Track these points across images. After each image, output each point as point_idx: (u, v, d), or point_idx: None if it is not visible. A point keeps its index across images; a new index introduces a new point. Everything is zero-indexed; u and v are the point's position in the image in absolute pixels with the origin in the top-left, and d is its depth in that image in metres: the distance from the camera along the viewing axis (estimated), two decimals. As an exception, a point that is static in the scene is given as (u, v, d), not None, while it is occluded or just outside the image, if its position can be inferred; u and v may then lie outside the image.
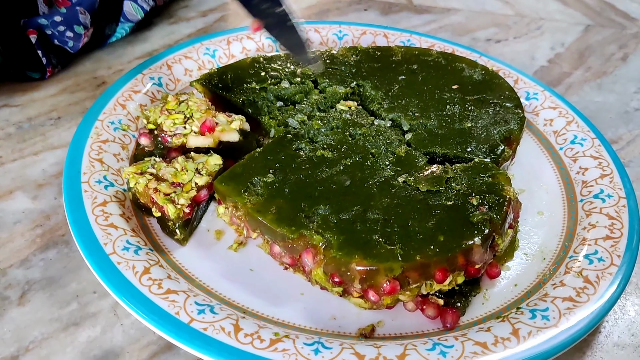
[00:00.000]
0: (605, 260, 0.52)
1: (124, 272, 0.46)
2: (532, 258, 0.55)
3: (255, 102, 0.64)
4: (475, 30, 0.94)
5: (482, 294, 0.52)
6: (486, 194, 0.52)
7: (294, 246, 0.49)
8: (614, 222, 0.55)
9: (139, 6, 0.79)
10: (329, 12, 0.96)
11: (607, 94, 0.82)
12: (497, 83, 0.69)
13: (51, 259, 0.53)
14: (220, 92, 0.63)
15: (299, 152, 0.57)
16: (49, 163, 0.62)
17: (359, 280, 0.46)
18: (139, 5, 0.79)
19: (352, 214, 0.50)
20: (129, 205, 0.55)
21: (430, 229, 0.49)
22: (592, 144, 0.65)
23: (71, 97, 0.71)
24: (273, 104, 0.64)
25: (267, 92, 0.64)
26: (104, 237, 0.49)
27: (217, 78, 0.65)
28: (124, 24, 0.80)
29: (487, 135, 0.61)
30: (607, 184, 0.60)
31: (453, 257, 0.47)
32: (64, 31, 0.72)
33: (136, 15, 0.79)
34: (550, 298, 0.49)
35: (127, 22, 0.80)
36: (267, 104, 0.64)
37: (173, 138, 0.56)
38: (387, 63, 0.71)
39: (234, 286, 0.50)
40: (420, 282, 0.47)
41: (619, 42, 0.94)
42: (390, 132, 0.61)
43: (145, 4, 0.80)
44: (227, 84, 0.64)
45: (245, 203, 0.51)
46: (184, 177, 0.53)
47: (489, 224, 0.49)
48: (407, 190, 0.53)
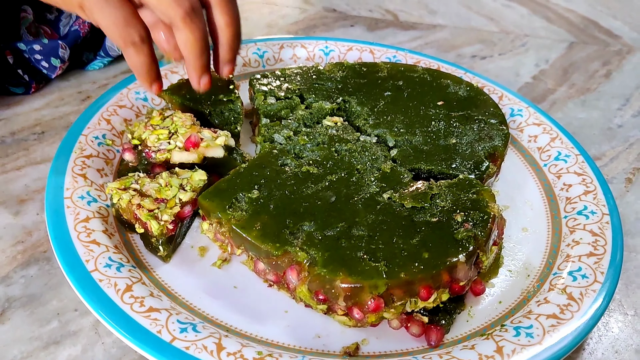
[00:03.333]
0: (589, 277, 0.52)
1: (106, 290, 0.46)
2: (517, 275, 0.55)
3: (223, 113, 0.64)
4: (460, 46, 0.95)
5: (467, 311, 0.51)
6: (471, 211, 0.52)
7: (278, 263, 0.49)
8: (597, 238, 0.56)
9: None
10: (316, 27, 0.96)
11: (591, 110, 0.83)
12: (482, 99, 0.69)
13: (32, 276, 0.52)
14: (186, 103, 0.63)
15: (284, 167, 0.57)
16: (32, 178, 0.61)
17: (344, 298, 0.46)
18: None
19: (337, 230, 0.50)
20: (112, 221, 0.54)
21: (415, 245, 0.48)
22: (576, 160, 0.65)
23: (55, 112, 0.71)
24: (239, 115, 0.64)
25: (234, 104, 0.64)
26: (86, 254, 0.48)
27: (186, 88, 0.64)
28: (102, 59, 0.79)
29: (472, 152, 0.61)
30: (590, 201, 0.60)
31: (437, 274, 0.47)
32: (40, 60, 0.72)
33: (117, 51, 0.79)
34: (534, 315, 0.49)
35: (106, 57, 0.79)
36: (234, 115, 0.64)
37: (157, 154, 0.56)
38: (373, 79, 0.72)
39: (218, 304, 0.49)
40: (405, 300, 0.47)
41: (603, 59, 0.95)
42: (375, 148, 0.61)
43: None
44: (195, 95, 0.63)
45: (229, 219, 0.51)
46: (168, 192, 0.53)
47: (473, 241, 0.49)
48: (392, 207, 0.53)
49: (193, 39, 0.53)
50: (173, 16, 0.52)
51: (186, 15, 0.52)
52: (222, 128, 0.62)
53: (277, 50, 0.80)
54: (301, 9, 1.01)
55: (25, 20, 0.76)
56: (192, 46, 0.54)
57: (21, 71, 0.71)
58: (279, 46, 0.81)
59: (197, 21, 0.53)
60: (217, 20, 0.55)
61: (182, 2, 0.51)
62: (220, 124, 0.63)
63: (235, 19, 0.55)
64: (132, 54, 0.53)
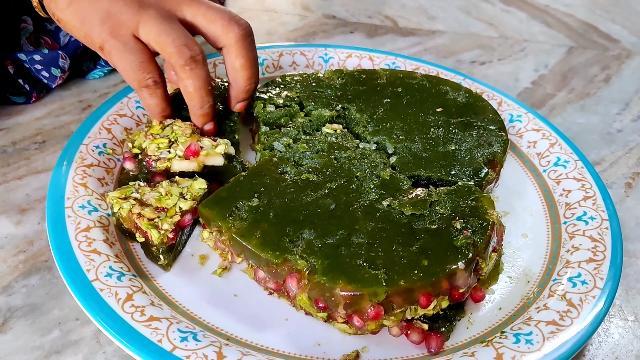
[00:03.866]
0: (588, 283, 0.52)
1: (107, 299, 0.46)
2: (517, 281, 0.55)
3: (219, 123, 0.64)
4: (459, 52, 0.95)
5: (467, 318, 0.52)
6: (470, 218, 0.52)
7: (278, 271, 0.49)
8: (597, 244, 0.56)
9: None
10: (316, 34, 0.96)
11: (590, 115, 0.83)
12: (480, 106, 0.70)
13: (34, 285, 0.52)
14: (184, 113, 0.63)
15: (284, 175, 0.57)
16: (33, 187, 0.62)
17: (344, 306, 0.46)
18: None
19: (336, 238, 0.50)
20: (113, 230, 0.54)
21: (414, 253, 0.49)
22: (575, 166, 0.66)
23: (56, 121, 0.71)
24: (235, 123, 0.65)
25: (232, 114, 0.65)
26: (87, 263, 0.48)
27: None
28: (102, 68, 0.80)
29: (471, 158, 0.61)
30: (590, 206, 0.60)
31: (437, 282, 0.47)
32: (40, 70, 0.72)
33: None
34: (534, 322, 0.49)
35: (106, 67, 0.80)
36: (230, 125, 0.64)
37: (157, 162, 0.56)
38: (372, 86, 0.72)
39: (218, 312, 0.49)
40: (405, 307, 0.47)
41: (602, 64, 0.96)
42: (375, 155, 0.61)
43: None
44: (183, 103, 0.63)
45: (229, 227, 0.51)
46: (168, 201, 0.53)
47: (472, 248, 0.49)
48: (391, 214, 0.53)
49: (193, 88, 0.56)
50: (174, 64, 0.55)
51: (186, 65, 0.55)
52: (221, 136, 0.62)
53: (277, 58, 0.81)
54: (301, 15, 1.02)
55: (26, 30, 0.76)
56: (191, 95, 0.57)
57: (22, 81, 0.72)
58: (278, 54, 0.81)
59: (198, 70, 0.56)
60: (232, 62, 0.58)
61: (183, 52, 0.54)
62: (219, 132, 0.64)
63: (250, 61, 0.58)
64: (146, 96, 0.57)
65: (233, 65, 0.59)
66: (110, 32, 0.56)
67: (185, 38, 0.55)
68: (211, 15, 0.57)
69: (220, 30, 0.57)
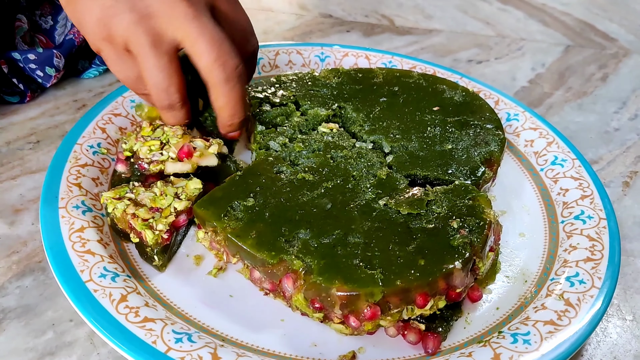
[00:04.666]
0: (586, 282, 0.51)
1: (101, 300, 0.45)
2: (514, 281, 0.55)
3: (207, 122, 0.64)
4: (457, 51, 0.95)
5: (464, 317, 0.51)
6: (467, 217, 0.51)
7: (274, 271, 0.48)
8: (594, 243, 0.56)
9: None
10: (312, 33, 0.96)
11: (588, 114, 0.82)
12: (477, 104, 0.69)
13: (27, 286, 0.52)
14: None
15: (280, 175, 0.57)
16: (27, 188, 0.61)
17: (340, 306, 0.46)
18: None
19: (332, 237, 0.50)
20: (107, 230, 0.54)
21: (411, 252, 0.48)
22: (573, 164, 0.65)
23: (51, 121, 0.70)
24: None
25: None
26: (81, 264, 0.48)
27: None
28: (98, 67, 0.79)
29: (468, 157, 0.61)
30: (587, 205, 0.60)
31: (434, 282, 0.47)
32: (34, 69, 0.72)
33: None
34: (531, 322, 0.48)
35: (101, 66, 0.79)
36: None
37: (150, 165, 0.56)
38: (368, 85, 0.72)
39: (213, 313, 0.49)
40: (402, 307, 0.47)
41: (599, 62, 0.95)
42: (371, 155, 0.61)
43: None
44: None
45: (224, 227, 0.51)
46: (163, 202, 0.52)
47: (469, 248, 0.49)
48: (388, 214, 0.53)
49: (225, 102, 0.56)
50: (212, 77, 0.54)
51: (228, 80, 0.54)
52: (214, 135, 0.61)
53: (273, 57, 0.80)
54: (297, 14, 1.01)
55: (20, 29, 0.76)
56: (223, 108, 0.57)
57: (16, 80, 0.71)
58: (275, 53, 0.81)
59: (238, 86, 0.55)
60: (214, 100, 0.56)
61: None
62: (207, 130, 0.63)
63: (232, 102, 0.56)
64: (170, 117, 0.57)
65: (215, 102, 0.56)
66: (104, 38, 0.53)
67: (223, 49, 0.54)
68: (198, 48, 0.52)
69: (204, 68, 0.53)
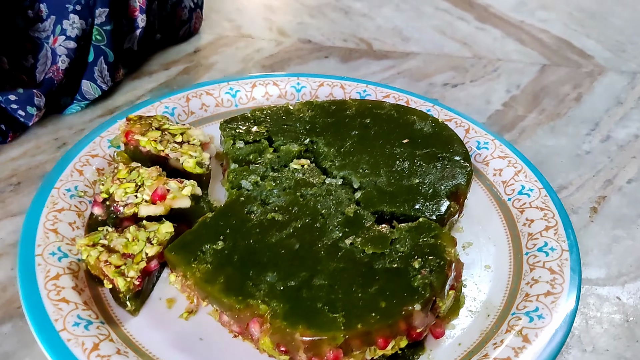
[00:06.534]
0: (545, 317, 0.53)
1: (73, 350, 0.47)
2: (477, 315, 0.57)
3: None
4: (432, 74, 0.96)
5: (427, 354, 0.53)
6: (428, 257, 0.53)
7: (241, 316, 0.50)
8: (555, 276, 0.57)
9: (97, 86, 0.81)
10: (291, 60, 0.98)
11: (560, 137, 0.84)
12: (446, 135, 0.71)
13: (6, 333, 0.54)
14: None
15: (250, 215, 0.59)
16: (7, 231, 0.63)
17: (304, 350, 0.48)
18: (97, 85, 0.81)
19: (298, 279, 0.52)
20: (83, 275, 0.56)
21: (373, 294, 0.50)
22: (539, 194, 0.67)
23: (31, 161, 0.72)
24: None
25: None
26: (55, 313, 0.50)
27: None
28: (79, 102, 0.81)
29: (434, 192, 0.63)
30: (551, 236, 0.62)
31: (394, 324, 0.48)
32: (16, 109, 0.74)
33: (93, 94, 0.81)
34: (489, 359, 0.50)
35: (82, 101, 0.81)
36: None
37: (125, 208, 0.58)
38: (341, 117, 0.73)
39: (183, 356, 0.51)
40: (364, 349, 0.49)
41: (574, 82, 0.97)
42: (340, 191, 0.62)
43: (103, 85, 0.82)
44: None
45: (194, 273, 0.52)
46: (135, 247, 0.54)
47: (429, 288, 0.50)
48: (353, 253, 0.54)
49: None
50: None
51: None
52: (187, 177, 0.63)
53: (250, 89, 0.82)
54: (277, 41, 1.03)
55: (3, 70, 0.78)
56: None
57: None
58: (252, 85, 0.82)
59: None
60: None
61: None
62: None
63: None
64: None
65: None
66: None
67: None
68: None
69: None
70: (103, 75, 0.82)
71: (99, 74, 0.81)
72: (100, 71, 0.82)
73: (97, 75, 0.81)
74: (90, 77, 0.81)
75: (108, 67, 0.82)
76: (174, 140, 0.66)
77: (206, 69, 0.94)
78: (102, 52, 0.82)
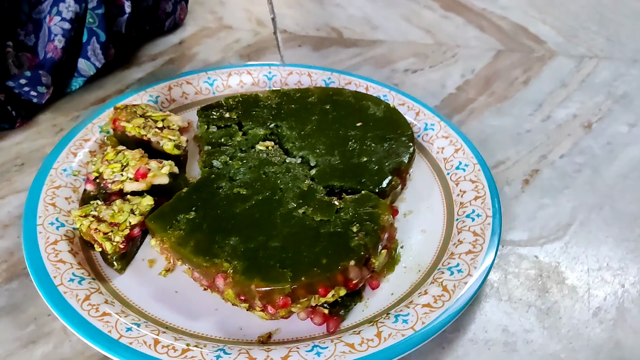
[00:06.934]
0: (463, 271, 0.64)
1: (69, 300, 0.58)
2: (409, 271, 0.67)
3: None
4: (395, 61, 1.06)
5: (364, 302, 0.63)
6: (365, 222, 0.64)
7: (208, 272, 0.61)
8: (477, 238, 0.67)
9: (92, 63, 0.92)
10: (267, 49, 1.07)
11: (505, 117, 0.94)
12: (395, 119, 0.81)
13: (14, 288, 0.64)
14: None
15: (219, 190, 0.69)
16: (13, 205, 0.74)
17: (259, 298, 0.58)
18: (92, 63, 0.92)
19: (256, 243, 0.62)
20: (77, 241, 0.66)
21: (316, 253, 0.60)
22: (473, 169, 0.77)
23: (33, 144, 0.83)
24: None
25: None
26: (54, 271, 0.61)
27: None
28: (77, 78, 0.92)
29: (379, 168, 0.73)
30: (479, 205, 0.72)
31: (332, 276, 0.59)
32: (28, 91, 0.84)
33: (88, 72, 0.92)
34: (413, 305, 0.61)
35: (80, 77, 0.92)
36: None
37: (112, 184, 0.68)
38: (304, 104, 0.83)
39: (160, 306, 0.62)
40: (308, 297, 0.59)
41: (525, 66, 1.06)
42: (298, 169, 0.73)
43: (97, 62, 0.92)
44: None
45: (169, 238, 0.63)
46: (120, 217, 0.65)
47: (363, 248, 0.61)
48: (304, 220, 0.65)
49: None
50: None
51: None
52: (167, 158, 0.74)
53: (226, 78, 0.92)
54: (255, 31, 1.12)
55: (10, 54, 0.88)
56: None
57: (10, 107, 0.84)
58: (227, 74, 0.92)
59: None
60: None
61: None
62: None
63: None
64: None
65: None
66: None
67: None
68: None
69: None
70: (96, 54, 0.92)
71: (92, 53, 0.92)
72: (94, 50, 0.92)
73: (91, 53, 0.92)
74: (85, 55, 0.92)
75: (100, 46, 0.93)
76: (156, 125, 0.76)
77: (189, 59, 1.04)
78: (95, 33, 0.92)
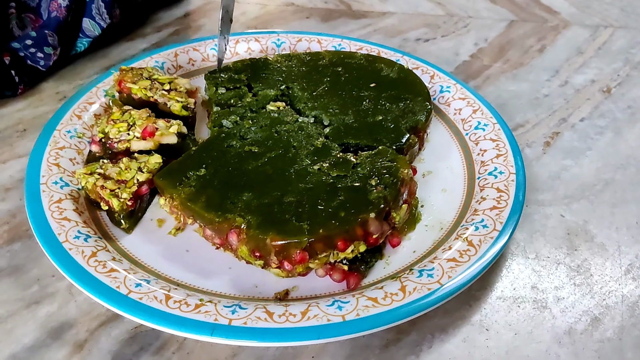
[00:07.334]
0: (488, 226, 0.60)
1: (74, 256, 0.55)
2: (431, 229, 0.64)
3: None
4: (406, 31, 1.03)
5: (385, 260, 0.60)
6: (384, 176, 0.61)
7: (220, 228, 0.58)
8: (502, 194, 0.64)
9: (97, 23, 0.89)
10: (274, 21, 1.04)
11: (521, 83, 0.91)
12: (410, 80, 0.78)
13: (16, 250, 0.61)
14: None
15: (230, 148, 0.66)
16: (16, 169, 0.71)
17: (275, 253, 0.55)
18: (97, 23, 0.89)
19: (270, 198, 0.59)
20: (83, 201, 0.63)
21: (334, 207, 0.57)
22: (493, 128, 0.74)
23: (35, 111, 0.80)
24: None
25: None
26: (58, 228, 0.58)
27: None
28: (82, 39, 0.89)
29: (396, 126, 0.70)
30: (501, 163, 0.69)
31: (352, 229, 0.56)
32: (35, 52, 0.81)
33: (94, 32, 0.89)
34: (438, 260, 0.58)
35: (85, 38, 0.89)
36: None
37: (119, 144, 0.65)
38: (315, 67, 0.80)
39: (170, 264, 0.59)
40: (327, 252, 0.56)
41: (539, 35, 1.03)
42: (311, 128, 0.70)
43: (102, 22, 0.90)
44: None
45: (179, 194, 0.60)
46: (127, 175, 0.62)
47: (383, 201, 0.58)
48: (320, 176, 0.62)
49: None
50: None
51: None
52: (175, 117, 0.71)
53: (233, 45, 0.89)
54: (261, 4, 1.10)
55: (13, 16, 0.85)
56: None
57: (14, 72, 0.81)
58: (235, 41, 0.90)
59: None
60: None
61: None
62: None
63: None
64: None
65: None
66: None
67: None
68: None
69: None
70: (101, 13, 0.90)
71: (97, 12, 0.90)
72: (98, 9, 0.90)
73: (95, 12, 0.90)
74: (90, 14, 0.90)
75: (105, 5, 0.90)
76: (163, 88, 0.73)
77: (195, 30, 1.01)
78: None
